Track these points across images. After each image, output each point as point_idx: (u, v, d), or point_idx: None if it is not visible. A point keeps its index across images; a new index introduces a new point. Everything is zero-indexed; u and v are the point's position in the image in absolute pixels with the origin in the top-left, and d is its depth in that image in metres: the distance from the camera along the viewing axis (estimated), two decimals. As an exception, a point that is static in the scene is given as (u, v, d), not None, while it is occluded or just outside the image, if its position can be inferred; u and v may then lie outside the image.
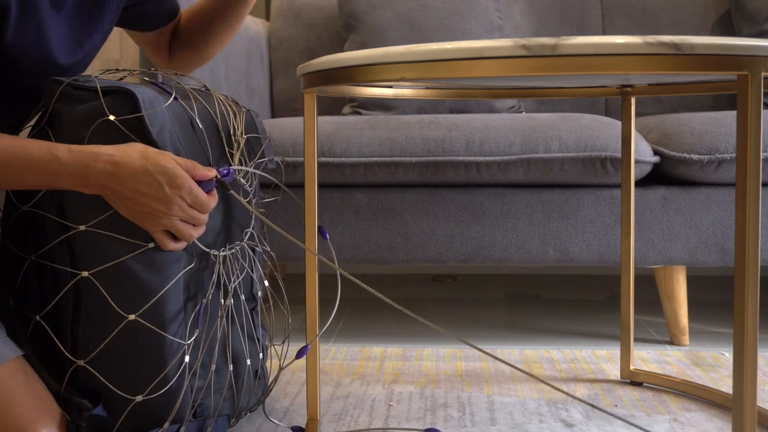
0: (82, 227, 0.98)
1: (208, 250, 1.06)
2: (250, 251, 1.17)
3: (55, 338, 1.00)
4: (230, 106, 1.16)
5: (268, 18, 3.63)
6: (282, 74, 2.23)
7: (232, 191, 1.05)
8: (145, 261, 0.98)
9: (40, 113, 1.03)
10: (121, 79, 1.11)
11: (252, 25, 2.14)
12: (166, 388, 1.00)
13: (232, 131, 1.12)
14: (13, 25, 0.95)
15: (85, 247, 0.98)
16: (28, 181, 0.94)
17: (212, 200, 1.01)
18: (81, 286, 0.99)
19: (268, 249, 1.23)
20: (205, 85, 1.18)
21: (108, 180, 0.94)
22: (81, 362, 0.99)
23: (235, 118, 1.14)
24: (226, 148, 1.10)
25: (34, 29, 0.97)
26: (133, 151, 0.95)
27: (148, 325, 0.99)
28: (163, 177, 0.95)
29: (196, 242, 1.04)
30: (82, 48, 1.07)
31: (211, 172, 1.01)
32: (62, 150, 0.94)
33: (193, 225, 1.00)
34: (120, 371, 0.99)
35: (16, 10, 0.94)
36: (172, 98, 1.04)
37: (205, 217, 1.01)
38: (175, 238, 0.99)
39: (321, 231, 1.15)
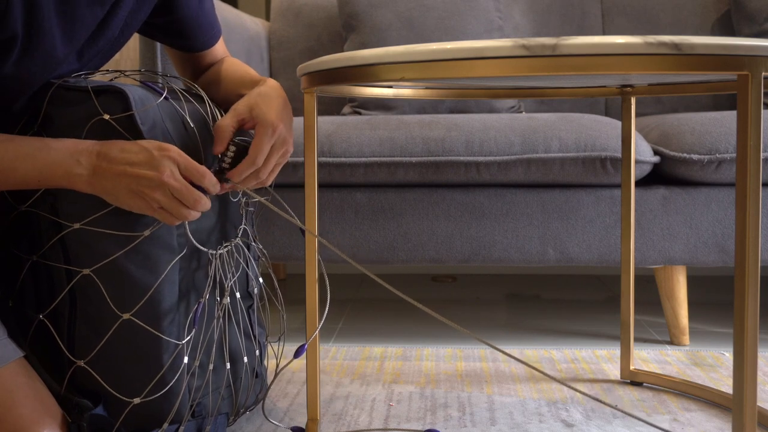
0: (77, 225, 0.98)
1: (204, 249, 1.06)
2: (244, 248, 1.17)
3: (58, 338, 1.00)
4: (219, 110, 1.16)
5: (268, 18, 3.63)
6: (282, 74, 2.23)
7: (241, 186, 1.03)
8: (138, 259, 0.98)
9: (28, 115, 1.03)
10: (112, 80, 1.11)
11: (252, 25, 2.14)
12: (164, 389, 1.00)
13: None
14: (15, 58, 0.94)
15: (79, 247, 0.98)
16: (17, 174, 0.93)
17: (209, 176, 0.99)
18: (76, 286, 0.99)
19: (260, 246, 1.23)
20: (196, 87, 1.18)
21: (98, 159, 0.93)
22: (81, 363, 0.99)
23: None
24: None
25: (40, 59, 0.96)
26: (117, 140, 0.96)
27: (143, 324, 0.99)
28: (149, 144, 0.95)
29: (192, 239, 1.04)
30: (83, 56, 1.06)
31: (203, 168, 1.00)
32: (50, 139, 0.94)
33: (188, 207, 0.97)
34: (117, 372, 0.99)
35: (22, 42, 0.93)
36: (162, 97, 1.04)
37: (198, 195, 0.97)
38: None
39: (302, 233, 1.14)
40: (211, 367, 1.07)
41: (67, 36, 0.98)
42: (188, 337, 1.03)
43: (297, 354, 1.09)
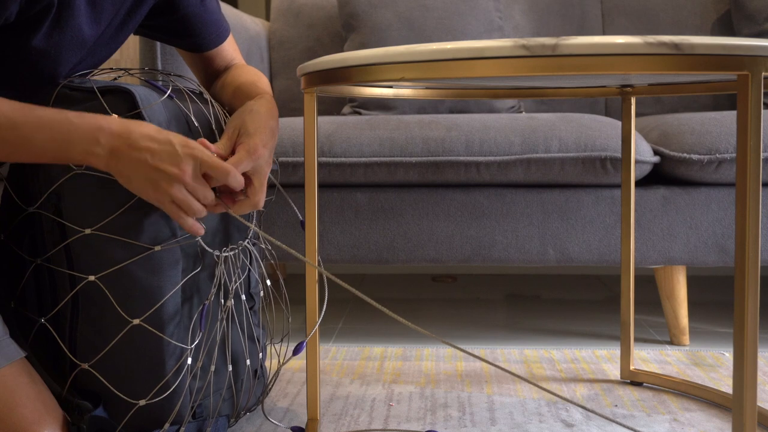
0: (88, 230, 0.97)
1: (210, 249, 1.06)
2: (250, 247, 1.17)
3: (59, 341, 1.00)
4: (222, 110, 1.16)
5: (268, 18, 3.63)
6: (282, 74, 2.23)
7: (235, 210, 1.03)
8: (144, 263, 0.98)
9: None
10: (115, 79, 1.11)
11: (252, 25, 2.14)
12: (167, 392, 1.00)
13: None
14: (47, 29, 0.94)
15: (83, 251, 0.98)
16: (36, 144, 0.91)
17: (233, 173, 0.98)
18: (79, 289, 0.99)
19: (269, 247, 1.23)
20: (200, 87, 1.18)
21: (118, 141, 0.92)
22: (85, 365, 0.99)
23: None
24: None
25: (69, 35, 0.97)
26: (143, 122, 0.95)
27: (149, 327, 0.99)
28: (175, 138, 0.94)
29: (201, 242, 1.04)
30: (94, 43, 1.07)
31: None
32: (72, 113, 0.93)
33: (200, 202, 0.97)
34: (119, 374, 0.99)
35: (55, 13, 0.93)
36: (166, 95, 1.04)
37: (211, 193, 0.97)
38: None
39: (301, 225, 1.14)
40: (212, 368, 1.07)
41: (94, 16, 0.99)
42: (195, 342, 1.03)
43: (296, 351, 1.09)
